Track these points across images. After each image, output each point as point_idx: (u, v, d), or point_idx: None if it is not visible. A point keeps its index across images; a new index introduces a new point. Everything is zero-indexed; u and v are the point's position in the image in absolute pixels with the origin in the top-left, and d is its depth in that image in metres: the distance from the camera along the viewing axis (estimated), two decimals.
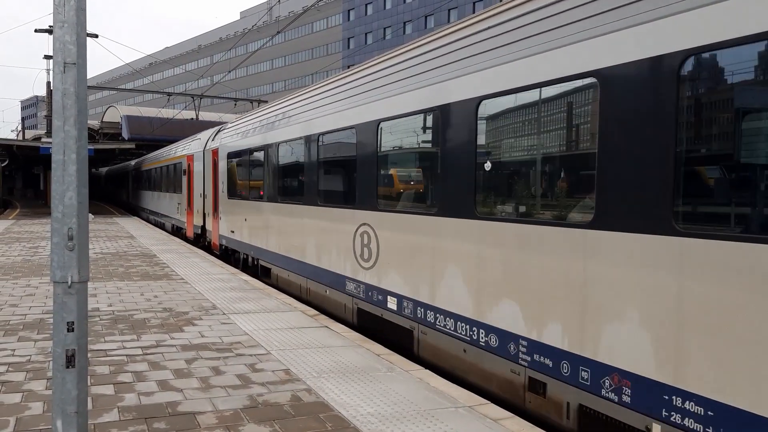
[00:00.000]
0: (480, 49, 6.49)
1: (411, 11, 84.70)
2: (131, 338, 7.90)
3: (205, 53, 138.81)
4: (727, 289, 3.95)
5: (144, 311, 9.59)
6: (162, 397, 5.71)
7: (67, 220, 4.00)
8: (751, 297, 3.80)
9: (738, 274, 3.87)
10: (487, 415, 5.35)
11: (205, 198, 20.14)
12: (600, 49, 4.95)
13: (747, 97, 3.99)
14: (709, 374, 4.04)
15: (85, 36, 4.05)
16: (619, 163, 4.76)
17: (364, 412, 5.38)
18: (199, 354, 7.22)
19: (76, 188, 4.00)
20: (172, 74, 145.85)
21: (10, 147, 35.27)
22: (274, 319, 9.12)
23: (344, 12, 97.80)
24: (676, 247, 4.31)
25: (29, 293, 10.97)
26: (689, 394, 4.16)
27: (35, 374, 6.35)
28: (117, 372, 6.47)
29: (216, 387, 6.03)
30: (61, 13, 3.96)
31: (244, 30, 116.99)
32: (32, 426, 4.99)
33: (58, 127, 3.99)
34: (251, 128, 14.99)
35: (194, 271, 14.03)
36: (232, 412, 5.36)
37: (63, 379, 4.04)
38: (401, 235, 7.80)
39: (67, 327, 4.03)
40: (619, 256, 4.77)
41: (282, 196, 12.54)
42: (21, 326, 8.45)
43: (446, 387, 6.09)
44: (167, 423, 5.09)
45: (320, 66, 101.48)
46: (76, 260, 4.03)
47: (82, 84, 4.02)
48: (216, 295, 11.09)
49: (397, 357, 7.17)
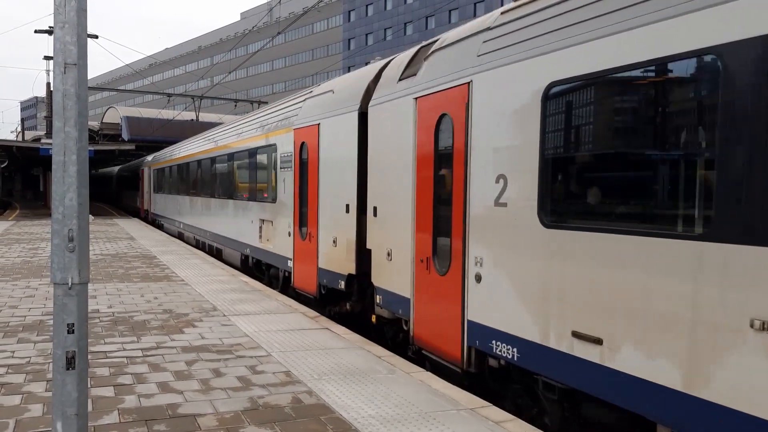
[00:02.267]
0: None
1: (412, 12, 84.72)
2: (131, 340, 7.88)
3: (206, 54, 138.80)
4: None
5: (144, 313, 9.57)
6: (162, 399, 5.69)
7: (67, 221, 3.98)
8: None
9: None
10: (488, 417, 5.33)
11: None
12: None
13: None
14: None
15: (86, 37, 4.03)
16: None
17: (366, 414, 5.36)
18: (199, 356, 7.20)
19: (76, 189, 3.98)
20: (173, 75, 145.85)
21: (9, 148, 35.25)
22: (275, 321, 9.10)
23: (345, 13, 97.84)
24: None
25: (29, 294, 10.94)
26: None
27: (35, 376, 6.33)
28: (117, 374, 6.45)
29: (216, 389, 6.01)
30: (61, 13, 3.95)
31: (244, 31, 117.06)
32: (32, 428, 4.97)
33: (59, 128, 3.97)
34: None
35: (194, 273, 14.00)
36: (232, 414, 5.33)
37: (63, 381, 4.02)
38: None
39: (67, 329, 4.01)
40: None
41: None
42: (20, 328, 8.43)
43: (448, 389, 6.07)
44: (167, 425, 5.07)
45: (321, 67, 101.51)
46: (77, 261, 4.01)
47: (82, 85, 4.00)
48: (216, 296, 11.06)
49: (399, 359, 7.15)
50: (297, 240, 11.51)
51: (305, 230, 11.11)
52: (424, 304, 7.34)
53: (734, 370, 3.85)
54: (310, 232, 10.87)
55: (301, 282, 11.38)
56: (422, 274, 7.35)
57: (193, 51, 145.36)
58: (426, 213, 7.27)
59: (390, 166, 8.06)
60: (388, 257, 8.11)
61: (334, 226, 9.91)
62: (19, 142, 41.79)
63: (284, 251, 12.23)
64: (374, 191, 8.55)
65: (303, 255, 11.24)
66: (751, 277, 3.75)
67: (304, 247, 11.18)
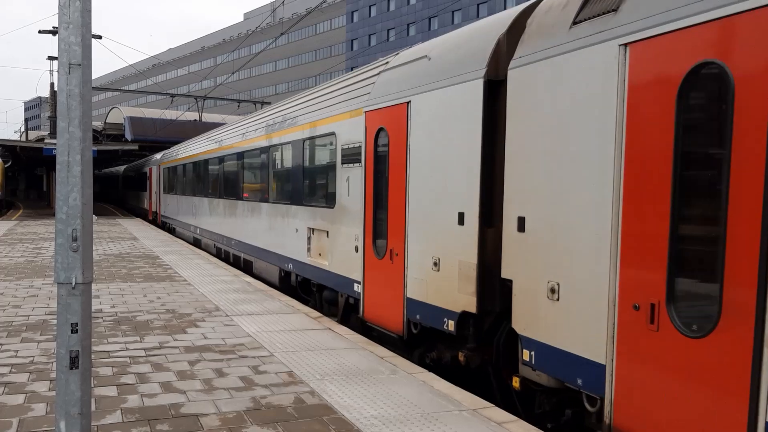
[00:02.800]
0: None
1: (414, 13, 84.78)
2: (134, 340, 7.90)
3: (209, 54, 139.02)
4: None
5: (147, 313, 9.59)
6: (165, 399, 5.70)
7: (71, 221, 4.00)
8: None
9: None
10: (491, 418, 5.33)
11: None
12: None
13: None
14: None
15: (90, 37, 4.05)
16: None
17: (368, 415, 5.37)
18: (202, 356, 7.21)
19: (80, 189, 4.00)
20: (176, 75, 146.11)
21: (13, 148, 35.38)
22: (277, 321, 9.11)
23: (348, 14, 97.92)
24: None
25: (32, 294, 10.97)
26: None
27: (38, 375, 6.35)
28: (120, 373, 6.46)
29: (219, 389, 6.02)
30: (66, 14, 3.97)
31: (247, 31, 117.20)
32: (35, 427, 4.98)
33: (63, 129, 3.98)
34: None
35: (197, 273, 14.02)
36: (235, 414, 5.34)
37: (66, 381, 4.04)
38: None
39: (71, 328, 4.03)
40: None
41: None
42: (24, 327, 8.45)
43: (450, 390, 6.07)
44: (170, 425, 5.08)
45: (324, 67, 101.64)
46: (81, 261, 4.03)
47: (87, 85, 4.01)
48: (219, 296, 11.08)
49: (401, 360, 7.16)
50: (369, 257, 8.79)
51: (383, 245, 8.39)
52: (641, 380, 4.62)
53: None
54: (391, 249, 8.14)
55: (375, 314, 8.63)
56: (635, 329, 4.65)
57: (196, 51, 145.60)
58: (651, 229, 4.52)
59: (557, 155, 5.47)
60: (551, 295, 5.51)
61: (436, 242, 7.20)
62: (23, 142, 41.91)
63: (348, 271, 9.54)
64: (521, 193, 5.95)
65: (379, 278, 8.50)
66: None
67: (380, 267, 8.46)
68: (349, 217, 9.48)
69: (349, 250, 9.46)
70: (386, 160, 8.34)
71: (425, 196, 7.44)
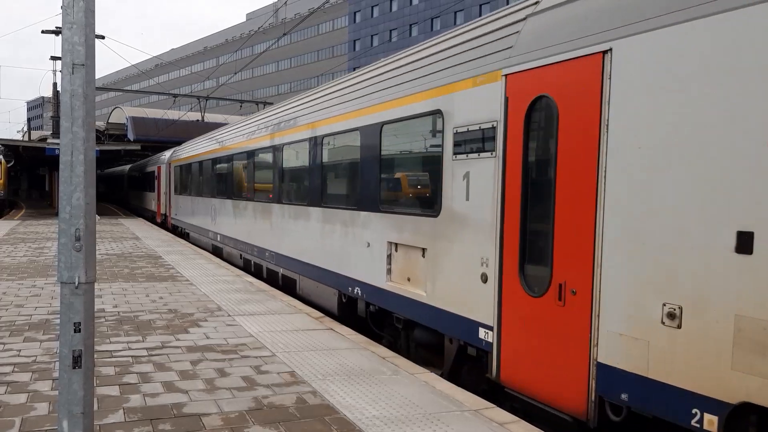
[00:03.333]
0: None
1: (417, 13, 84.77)
2: (136, 339, 7.91)
3: (211, 55, 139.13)
4: None
5: (149, 312, 9.60)
6: (167, 399, 5.71)
7: (74, 220, 4.01)
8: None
9: None
10: (492, 419, 5.33)
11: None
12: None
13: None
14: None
15: (94, 37, 4.06)
16: None
17: (370, 415, 5.37)
18: (204, 355, 7.22)
19: (83, 189, 4.01)
20: (178, 76, 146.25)
21: (16, 148, 35.41)
22: (279, 321, 9.12)
23: (350, 14, 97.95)
24: None
25: (35, 294, 10.99)
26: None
27: (41, 375, 6.36)
28: (122, 373, 6.48)
29: (221, 389, 6.03)
30: (69, 14, 3.97)
31: (250, 32, 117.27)
32: (38, 426, 4.99)
33: (66, 129, 3.99)
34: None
35: (199, 273, 14.04)
36: (237, 414, 5.35)
37: (69, 380, 4.05)
38: None
39: (74, 327, 4.04)
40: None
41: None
42: (27, 327, 8.47)
43: (451, 390, 6.07)
44: (172, 424, 5.09)
45: (326, 68, 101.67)
46: (83, 261, 4.04)
47: (90, 85, 4.02)
48: (221, 296, 11.09)
49: (403, 360, 7.16)
50: (512, 292, 6.08)
51: (544, 276, 5.70)
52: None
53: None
54: (562, 283, 5.46)
55: (525, 378, 5.90)
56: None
57: (198, 52, 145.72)
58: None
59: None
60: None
61: (675, 280, 4.46)
62: (26, 142, 41.98)
63: (466, 308, 6.76)
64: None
65: (534, 325, 5.78)
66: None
67: (538, 309, 5.73)
68: (467, 231, 6.75)
69: (468, 279, 6.73)
70: (551, 146, 5.66)
71: (646, 203, 4.71)
